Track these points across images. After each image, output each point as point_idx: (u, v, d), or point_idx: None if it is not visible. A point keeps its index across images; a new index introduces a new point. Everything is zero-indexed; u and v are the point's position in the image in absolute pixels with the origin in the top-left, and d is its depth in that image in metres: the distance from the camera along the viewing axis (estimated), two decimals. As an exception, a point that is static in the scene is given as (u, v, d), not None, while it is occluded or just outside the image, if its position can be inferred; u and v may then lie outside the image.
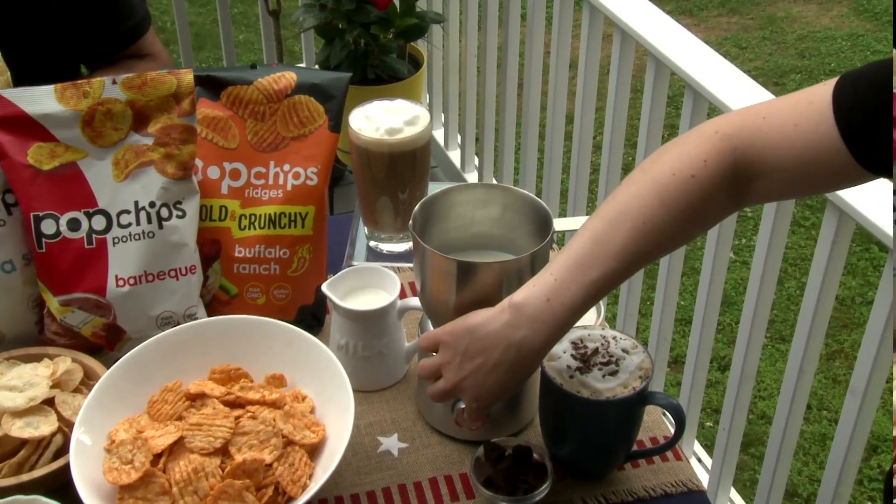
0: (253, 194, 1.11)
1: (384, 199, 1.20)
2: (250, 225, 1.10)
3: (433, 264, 0.93)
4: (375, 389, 1.08)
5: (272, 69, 1.13)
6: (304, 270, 1.11)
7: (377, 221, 1.23)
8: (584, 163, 2.08)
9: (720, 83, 1.61)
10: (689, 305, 2.51)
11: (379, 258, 1.24)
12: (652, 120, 1.78)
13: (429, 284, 0.95)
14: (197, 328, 1.00)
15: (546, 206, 0.96)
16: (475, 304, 0.93)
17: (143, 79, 1.05)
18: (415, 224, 0.95)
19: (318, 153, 1.11)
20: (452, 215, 1.00)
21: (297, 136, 1.12)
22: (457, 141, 2.69)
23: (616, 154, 1.94)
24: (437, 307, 0.96)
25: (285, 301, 1.12)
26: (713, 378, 2.42)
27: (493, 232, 1.01)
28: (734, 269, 2.77)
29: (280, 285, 1.11)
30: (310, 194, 1.11)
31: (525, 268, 0.92)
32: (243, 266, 1.10)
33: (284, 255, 1.10)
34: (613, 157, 1.94)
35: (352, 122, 1.17)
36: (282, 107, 1.12)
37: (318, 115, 1.12)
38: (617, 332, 0.97)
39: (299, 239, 1.11)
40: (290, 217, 1.10)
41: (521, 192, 0.98)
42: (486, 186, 1.00)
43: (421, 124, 1.17)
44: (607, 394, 0.91)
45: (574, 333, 0.97)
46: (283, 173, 1.11)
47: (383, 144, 1.15)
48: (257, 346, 1.00)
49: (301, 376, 0.99)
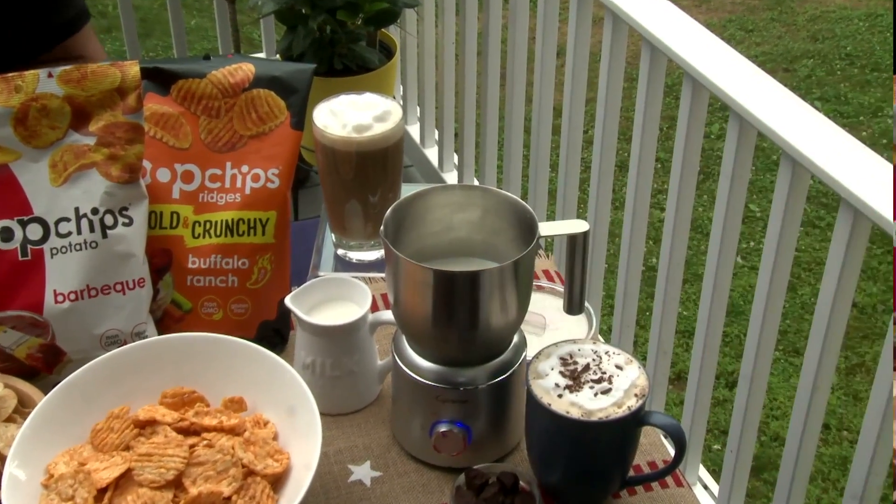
0: (208, 199, 1.11)
1: (353, 203, 1.21)
2: (205, 233, 1.11)
3: (407, 274, 0.94)
4: (345, 412, 1.09)
5: (228, 60, 1.14)
6: (265, 282, 1.12)
7: (346, 227, 1.24)
8: (574, 160, 2.09)
9: (722, 71, 1.63)
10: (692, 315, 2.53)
11: (348, 268, 1.25)
12: (648, 112, 1.80)
13: (403, 296, 0.96)
14: (146, 348, 1.01)
15: (531, 209, 0.97)
16: (454, 317, 0.94)
17: (84, 71, 1.05)
18: (387, 230, 0.96)
19: (279, 153, 1.12)
20: (428, 220, 1.01)
21: (257, 135, 1.13)
22: (434, 137, 2.70)
23: (609, 150, 1.96)
24: (412, 321, 0.97)
25: (245, 316, 1.12)
26: (720, 396, 2.44)
27: (474, 238, 1.02)
28: (742, 274, 2.79)
29: (239, 299, 1.12)
30: (271, 198, 1.12)
31: (508, 276, 0.93)
32: (198, 278, 1.11)
33: (243, 265, 1.11)
34: (606, 154, 1.96)
35: (316, 118, 1.18)
36: (239, 102, 1.13)
37: (280, 110, 1.13)
38: (611, 346, 0.98)
39: (260, 248, 1.12)
40: (249, 224, 1.11)
41: (504, 194, 0.99)
42: (465, 188, 1.01)
43: (393, 120, 1.18)
44: (600, 414, 0.92)
45: (563, 348, 0.98)
46: (241, 175, 1.12)
47: (351, 143, 1.16)
48: (214, 366, 1.00)
49: (263, 399, 0.99)
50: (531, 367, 0.97)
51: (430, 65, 2.55)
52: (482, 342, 0.98)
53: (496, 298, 0.94)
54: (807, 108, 1.55)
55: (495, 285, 0.93)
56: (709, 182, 3.11)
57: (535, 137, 2.20)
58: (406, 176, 2.64)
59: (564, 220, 1.05)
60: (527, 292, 0.98)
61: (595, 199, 2.01)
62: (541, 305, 1.18)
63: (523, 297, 0.98)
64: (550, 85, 2.13)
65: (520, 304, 0.97)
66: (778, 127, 1.52)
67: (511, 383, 1.01)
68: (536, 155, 2.21)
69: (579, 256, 0.99)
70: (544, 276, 1.26)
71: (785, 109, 1.55)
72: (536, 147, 2.20)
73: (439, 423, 1.00)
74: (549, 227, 0.97)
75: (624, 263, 1.97)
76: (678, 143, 1.74)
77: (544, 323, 1.16)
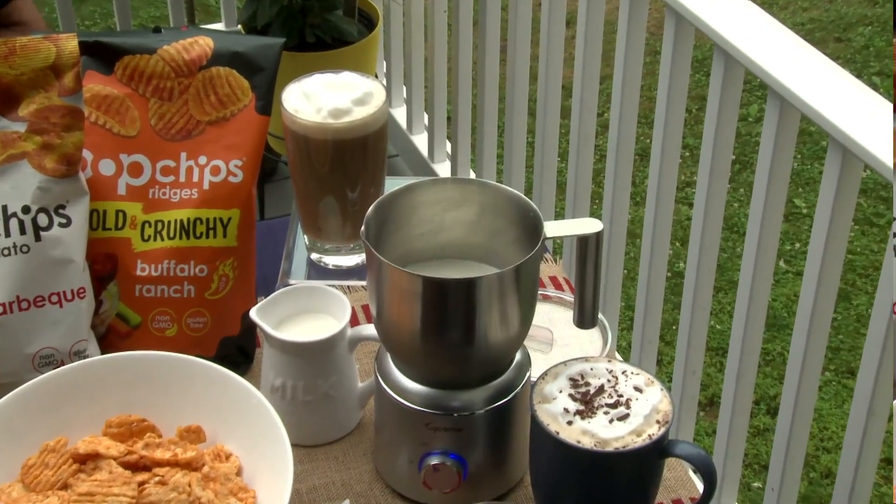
0: (159, 195, 1.13)
1: (329, 200, 1.22)
2: (156, 235, 1.12)
3: (392, 282, 0.96)
4: (321, 443, 1.11)
5: (182, 33, 1.15)
6: (226, 292, 1.14)
7: (320, 228, 1.25)
8: (587, 148, 2.10)
9: (760, 42, 1.64)
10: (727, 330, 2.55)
11: (323, 275, 1.26)
12: (673, 91, 1.81)
13: (387, 308, 0.97)
14: (87, 369, 1.01)
15: (536, 206, 0.98)
16: (447, 332, 0.96)
17: (11, 46, 1.06)
18: (368, 231, 0.97)
19: (243, 141, 1.13)
20: (416, 219, 1.02)
21: (216, 120, 1.14)
22: (423, 122, 2.71)
23: (627, 135, 1.97)
24: (398, 336, 0.99)
25: (203, 332, 1.14)
26: (760, 424, 2.46)
27: (469, 240, 1.04)
28: (785, 281, 2.81)
29: (196, 312, 1.13)
30: (233, 194, 1.13)
31: (509, 285, 0.95)
32: (148, 288, 1.13)
33: (201, 272, 1.13)
34: (624, 140, 1.97)
35: (286, 101, 1.20)
36: (195, 82, 1.14)
37: (243, 92, 1.14)
38: (629, 365, 1.00)
39: (220, 252, 1.13)
40: (207, 224, 1.12)
41: (504, 189, 1.01)
42: (460, 182, 1.02)
43: (375, 103, 1.19)
44: (616, 444, 0.94)
45: (573, 367, 1.00)
46: (199, 168, 1.13)
47: (327, 130, 1.18)
48: (167, 390, 1.01)
49: (224, 428, 1.01)
50: (536, 390, 0.98)
51: (418, 37, 2.55)
52: (479, 361, 0.99)
53: (495, 310, 0.96)
54: (861, 86, 1.56)
55: (494, 294, 0.95)
56: (746, 173, 3.12)
57: (540, 122, 2.21)
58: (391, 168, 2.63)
59: (575, 219, 1.06)
60: (531, 303, 1.00)
61: (611, 194, 2.02)
62: (547, 318, 1.19)
63: (527, 309, 0.99)
64: (559, 59, 2.14)
65: (523, 316, 0.99)
66: (825, 108, 1.53)
67: (513, 408, 1.02)
68: (542, 142, 2.22)
69: (592, 261, 1.00)
70: (551, 283, 1.28)
71: (834, 87, 1.56)
72: (542, 133, 2.21)
73: (430, 456, 1.01)
74: (556, 227, 0.98)
75: (645, 269, 1.98)
76: (708, 128, 1.75)
77: (551, 338, 1.18)
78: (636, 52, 1.90)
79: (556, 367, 1.00)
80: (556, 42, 2.12)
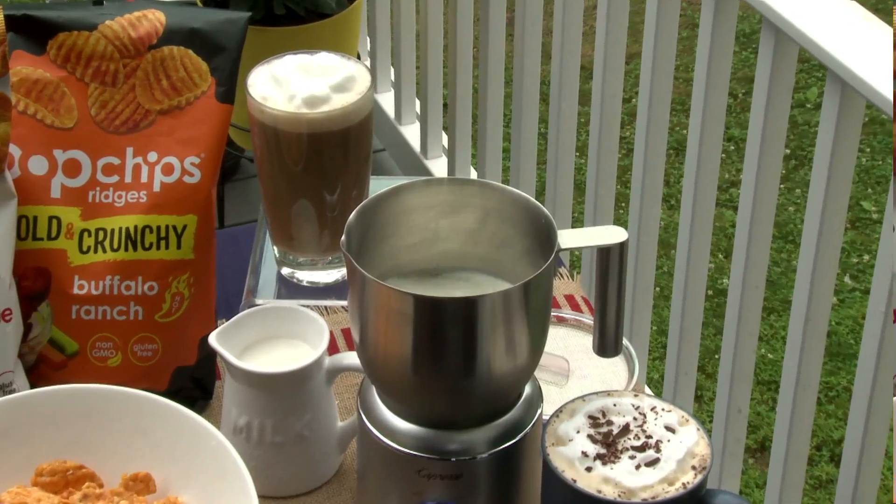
0: (101, 199, 1.14)
1: (303, 204, 1.23)
2: (97, 245, 1.13)
3: (379, 302, 0.96)
4: (294, 494, 1.11)
5: (128, 5, 1.16)
6: (181, 314, 1.15)
7: (293, 237, 1.26)
8: (610, 140, 2.10)
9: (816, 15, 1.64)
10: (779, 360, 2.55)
11: (296, 293, 1.27)
12: (713, 72, 1.82)
13: (372, 332, 0.98)
14: (14, 406, 1.01)
15: (549, 211, 0.98)
16: (443, 361, 0.97)
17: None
18: (350, 241, 0.98)
19: (201, 134, 1.14)
20: (407, 227, 1.03)
21: (169, 109, 1.15)
22: (414, 111, 2.71)
23: (659, 126, 1.97)
24: (385, 366, 0.99)
25: (153, 361, 1.15)
26: (821, 474, 2.46)
27: (470, 252, 1.04)
28: (851, 301, 2.81)
29: (144, 337, 1.14)
30: (189, 197, 1.14)
31: (517, 305, 0.96)
32: (87, 309, 1.13)
33: (151, 290, 1.14)
34: (655, 131, 1.97)
35: (252, 86, 1.20)
36: (144, 64, 1.15)
37: (201, 76, 1.15)
38: (660, 400, 1.01)
39: (174, 266, 1.14)
40: (158, 233, 1.13)
41: (511, 191, 1.01)
42: (458, 183, 1.03)
43: (357, 89, 1.20)
44: (644, 494, 0.95)
45: (593, 403, 1.00)
46: (148, 166, 1.14)
47: (301, 121, 1.18)
48: (109, 431, 1.01)
49: (178, 476, 1.01)
50: (549, 430, 0.99)
51: (408, 8, 2.55)
52: (482, 395, 1.00)
53: (501, 335, 0.96)
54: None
55: (499, 316, 0.96)
56: (803, 170, 3.13)
57: (554, 109, 2.20)
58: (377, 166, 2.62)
59: (595, 227, 1.06)
60: (543, 326, 1.01)
61: (639, 196, 2.02)
62: (563, 344, 1.20)
63: (538, 334, 1.00)
64: (577, 35, 2.14)
65: (533, 342, 1.00)
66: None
67: (521, 452, 1.03)
68: (557, 135, 2.21)
69: (616, 276, 1.01)
70: (567, 303, 1.29)
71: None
72: (557, 123, 2.21)
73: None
74: (573, 237, 0.99)
75: (681, 286, 1.98)
76: (756, 116, 1.76)
77: (567, 369, 1.19)
78: (669, 26, 1.91)
79: (573, 403, 1.01)
80: (574, 13, 2.11)
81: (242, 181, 2.61)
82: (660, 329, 2.60)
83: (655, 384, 2.47)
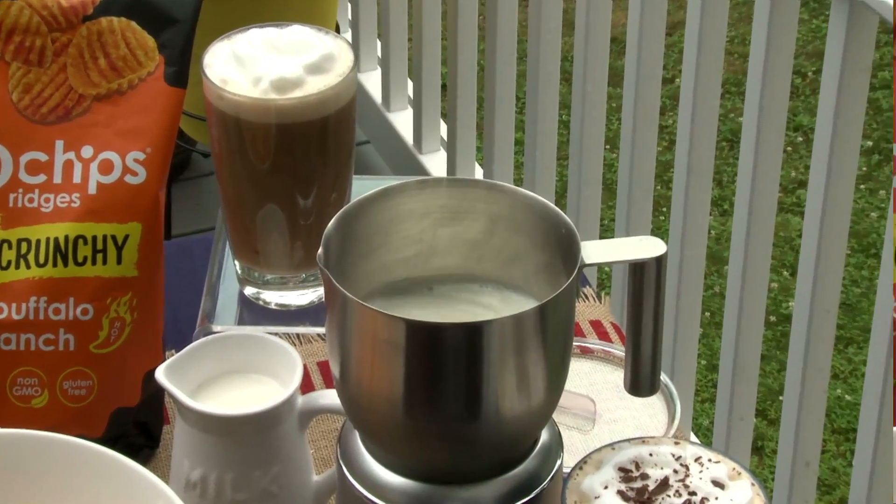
0: (25, 203, 1.15)
1: (271, 210, 1.25)
2: (19, 260, 1.14)
3: (363, 328, 0.97)
4: (257, 565, 1.13)
5: (57, -32, 1.17)
6: (121, 343, 1.16)
7: (259, 250, 1.27)
8: (647, 131, 2.11)
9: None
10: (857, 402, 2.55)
11: (262, 318, 1.29)
12: (775, 47, 1.83)
13: (356, 366, 0.99)
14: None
15: (571, 219, 1.01)
16: (443, 400, 0.99)
17: None
18: (329, 255, 0.99)
19: (146, 125, 1.16)
20: (397, 238, 1.05)
21: (108, 94, 1.16)
22: (406, 94, 2.71)
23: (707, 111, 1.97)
24: (371, 407, 1.00)
25: (87, 401, 1.16)
26: (909, 542, 2.48)
27: (473, 267, 1.06)
28: (947, 329, 2.82)
29: (76, 372, 1.15)
30: (132, 201, 1.16)
31: (531, 332, 0.97)
32: (6, 337, 1.14)
33: (84, 314, 1.15)
34: (702, 118, 1.98)
35: (209, 67, 1.22)
36: (77, 39, 1.16)
37: (147, 54, 1.17)
38: (707, 449, 1.02)
39: (113, 284, 1.15)
40: (94, 244, 1.14)
41: (525, 194, 1.03)
42: (460, 183, 1.05)
43: (337, 70, 1.22)
44: (686, 561, 0.97)
45: (625, 452, 1.02)
46: (82, 163, 1.15)
47: (268, 109, 1.20)
48: (34, 484, 1.02)
49: (118, 542, 1.03)
50: (571, 485, 1.00)
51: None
52: (489, 443, 1.01)
53: (511, 369, 0.97)
54: None
55: (510, 347, 0.97)
56: (888, 167, 3.11)
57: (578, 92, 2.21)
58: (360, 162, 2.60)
59: (628, 238, 1.06)
60: (563, 359, 1.02)
61: (683, 199, 2.03)
62: (587, 381, 1.22)
63: (557, 368, 1.01)
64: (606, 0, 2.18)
65: (551, 378, 1.01)
66: None
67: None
68: (581, 123, 2.21)
69: (652, 298, 1.02)
70: (593, 330, 1.30)
71: None
72: (582, 108, 2.21)
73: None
74: (601, 250, 1.01)
75: (734, 309, 1.98)
76: (826, 99, 1.77)
77: (593, 411, 1.21)
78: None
79: (600, 453, 1.02)
80: (603, -26, 2.15)
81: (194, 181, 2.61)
82: (709, 363, 2.61)
83: (704, 432, 2.48)
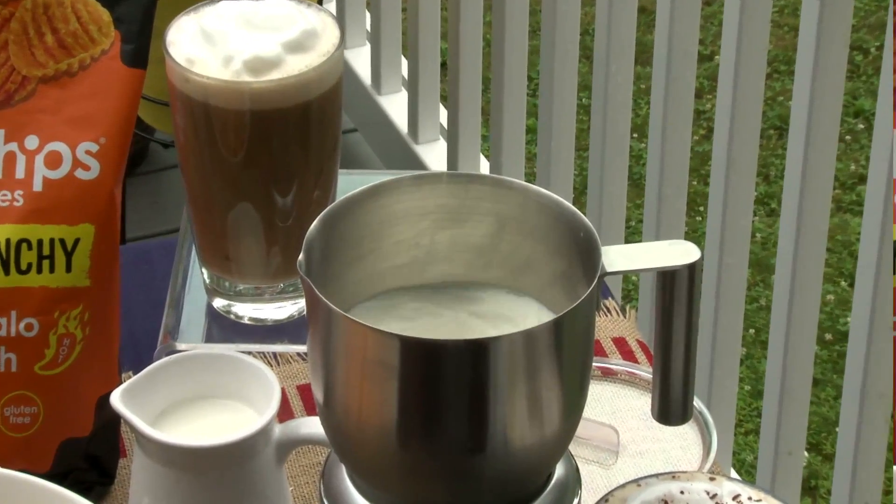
0: None
1: (244, 210, 1.25)
2: None
3: (351, 346, 0.98)
4: None
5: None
6: (71, 364, 1.17)
7: (230, 256, 1.28)
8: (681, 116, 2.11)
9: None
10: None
11: (234, 335, 1.29)
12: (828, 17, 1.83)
13: (342, 389, 1.01)
14: None
15: (591, 221, 1.01)
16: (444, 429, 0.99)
17: None
18: (311, 262, 1.00)
19: (100, 111, 1.17)
20: (390, 242, 1.06)
21: (56, 76, 1.17)
22: (399, 74, 2.73)
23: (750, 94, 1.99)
24: (360, 437, 1.02)
25: (31, 430, 1.17)
26: None
27: (478, 276, 1.07)
28: None
29: (19, 397, 1.16)
30: (84, 200, 1.17)
31: (544, 351, 0.98)
32: None
33: (29, 330, 1.16)
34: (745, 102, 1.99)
35: (173, 45, 1.23)
36: (20, 13, 1.17)
37: (101, 29, 1.18)
38: (749, 486, 1.04)
39: (61, 296, 1.16)
40: (40, 249, 1.16)
41: (537, 192, 1.04)
42: (463, 179, 1.06)
43: (321, 48, 1.23)
44: None
45: (652, 489, 1.03)
46: (26, 155, 1.16)
47: (242, 93, 1.21)
48: None
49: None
50: None
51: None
52: (496, 478, 1.02)
53: (521, 393, 0.99)
54: None
55: (520, 368, 0.98)
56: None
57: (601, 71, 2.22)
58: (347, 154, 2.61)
59: (657, 242, 1.08)
60: (581, 382, 1.03)
61: (721, 196, 2.04)
62: (610, 407, 1.23)
63: (574, 392, 1.02)
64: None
65: (567, 404, 1.02)
66: None
67: (552, 557, 1.06)
68: (604, 108, 2.22)
69: (684, 312, 1.03)
70: (617, 349, 1.32)
71: None
72: (604, 91, 2.22)
73: None
74: (625, 256, 1.02)
75: (782, 325, 1.99)
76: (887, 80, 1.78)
77: (616, 441, 1.22)
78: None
79: (624, 489, 1.03)
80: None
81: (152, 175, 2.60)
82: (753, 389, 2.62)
83: (747, 468, 2.48)
